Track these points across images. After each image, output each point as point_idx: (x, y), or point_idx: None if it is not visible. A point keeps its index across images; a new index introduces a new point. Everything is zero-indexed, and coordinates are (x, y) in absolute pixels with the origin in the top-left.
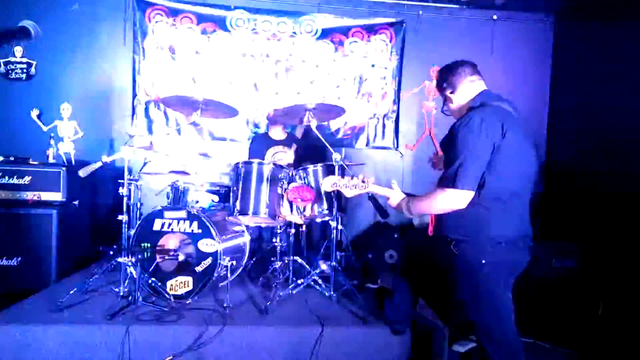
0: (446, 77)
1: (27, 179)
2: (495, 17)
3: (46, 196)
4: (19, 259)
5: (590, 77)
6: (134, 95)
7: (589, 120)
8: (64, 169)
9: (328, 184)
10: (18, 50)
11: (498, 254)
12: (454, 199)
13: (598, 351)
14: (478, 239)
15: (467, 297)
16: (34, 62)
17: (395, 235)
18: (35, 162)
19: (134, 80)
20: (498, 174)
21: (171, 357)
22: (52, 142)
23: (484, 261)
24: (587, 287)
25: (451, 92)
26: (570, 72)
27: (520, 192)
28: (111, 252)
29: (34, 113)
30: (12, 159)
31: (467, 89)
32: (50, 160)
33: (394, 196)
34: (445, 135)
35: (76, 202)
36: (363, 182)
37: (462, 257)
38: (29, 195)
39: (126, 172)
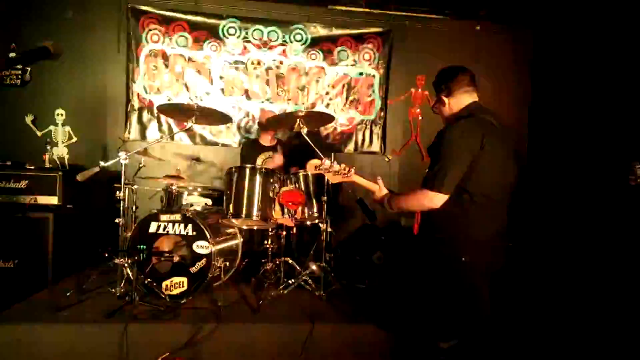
0: (446, 80)
1: (23, 183)
2: (478, 27)
3: (43, 200)
4: (16, 261)
5: (568, 85)
6: (128, 102)
7: (568, 125)
8: (60, 173)
9: (312, 167)
10: (12, 56)
11: (476, 253)
12: (429, 200)
13: None
14: (458, 238)
15: (449, 294)
16: (29, 69)
17: (383, 237)
18: (32, 167)
19: (128, 87)
20: (476, 180)
21: (167, 354)
22: (47, 147)
23: (464, 259)
24: None
25: (446, 96)
26: (549, 80)
27: (496, 198)
28: (107, 254)
29: (29, 118)
30: (8, 163)
31: (461, 97)
32: (47, 164)
33: (377, 191)
34: (433, 141)
35: (72, 206)
36: (346, 170)
37: (445, 254)
38: (26, 199)
39: (123, 177)
